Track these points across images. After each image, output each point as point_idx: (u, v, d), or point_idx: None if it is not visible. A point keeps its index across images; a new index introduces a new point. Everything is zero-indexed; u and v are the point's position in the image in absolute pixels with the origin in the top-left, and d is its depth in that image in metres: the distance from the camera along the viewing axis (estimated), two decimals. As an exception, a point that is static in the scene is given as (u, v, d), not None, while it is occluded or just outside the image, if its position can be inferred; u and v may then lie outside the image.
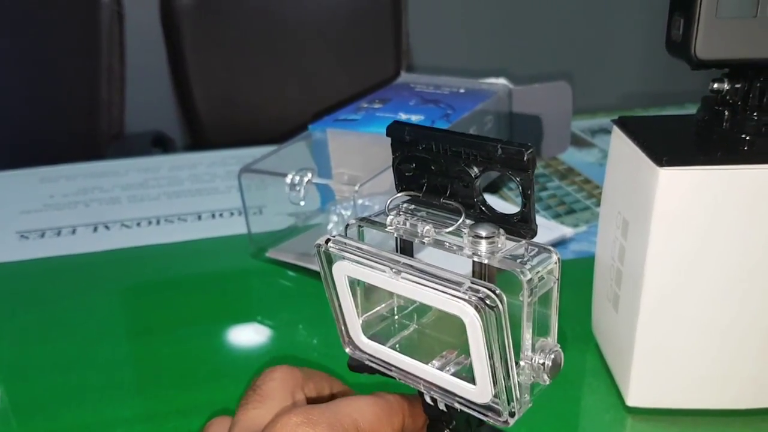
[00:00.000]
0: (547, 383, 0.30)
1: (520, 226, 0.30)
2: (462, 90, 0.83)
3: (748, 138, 0.43)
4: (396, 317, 0.35)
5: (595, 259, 0.55)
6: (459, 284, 0.28)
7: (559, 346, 0.30)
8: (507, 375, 0.28)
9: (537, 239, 0.30)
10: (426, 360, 0.32)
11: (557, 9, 2.06)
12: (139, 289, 0.71)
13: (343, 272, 0.31)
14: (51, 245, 0.77)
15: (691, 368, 0.47)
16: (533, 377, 0.30)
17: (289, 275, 0.70)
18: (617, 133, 0.49)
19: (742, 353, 0.46)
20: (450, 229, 0.31)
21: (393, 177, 0.34)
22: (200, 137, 1.44)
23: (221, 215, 0.82)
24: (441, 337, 0.34)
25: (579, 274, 0.55)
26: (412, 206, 0.33)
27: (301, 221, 0.76)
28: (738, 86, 0.44)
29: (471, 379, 0.30)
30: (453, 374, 0.31)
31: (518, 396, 0.29)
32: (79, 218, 0.83)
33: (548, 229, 0.74)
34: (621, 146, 0.48)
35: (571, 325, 0.58)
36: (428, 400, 0.33)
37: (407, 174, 0.33)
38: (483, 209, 0.31)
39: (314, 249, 0.32)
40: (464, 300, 0.27)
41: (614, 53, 2.15)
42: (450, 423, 0.34)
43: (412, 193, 0.33)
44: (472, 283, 0.27)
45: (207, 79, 1.41)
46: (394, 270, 0.29)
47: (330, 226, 0.71)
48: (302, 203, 0.66)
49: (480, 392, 0.30)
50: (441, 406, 0.33)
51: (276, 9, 1.41)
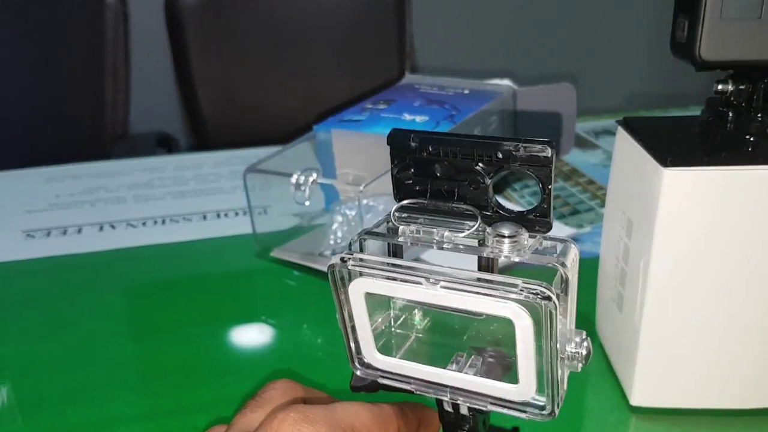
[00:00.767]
0: (579, 371, 0.30)
1: (537, 222, 0.30)
2: (466, 91, 0.83)
3: (752, 139, 0.44)
4: (393, 329, 0.34)
5: (600, 260, 0.55)
6: (513, 285, 0.27)
7: (585, 333, 0.30)
8: (557, 369, 0.29)
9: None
10: (442, 366, 0.31)
11: (561, 10, 2.07)
12: (144, 289, 0.71)
13: (362, 289, 0.30)
14: (57, 244, 0.77)
15: (695, 368, 0.47)
16: (568, 367, 0.30)
17: (294, 275, 0.70)
18: (621, 134, 0.49)
19: (746, 353, 0.46)
20: (469, 232, 0.30)
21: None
22: (204, 138, 1.44)
23: (226, 215, 0.83)
24: (444, 342, 0.34)
25: (583, 275, 0.55)
26: (412, 214, 0.32)
27: (306, 221, 0.76)
28: (742, 87, 0.44)
29: (501, 378, 0.30)
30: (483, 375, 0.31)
31: (564, 388, 0.30)
32: (85, 217, 0.83)
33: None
34: (625, 147, 0.48)
35: (576, 325, 0.58)
36: (447, 408, 0.33)
37: (407, 182, 0.32)
38: (497, 209, 0.31)
39: (328, 269, 0.30)
40: (520, 300, 0.27)
41: (618, 55, 2.15)
42: (469, 428, 0.34)
43: (418, 200, 0.32)
44: (524, 283, 0.27)
45: (211, 80, 1.42)
46: (432, 281, 0.28)
47: (334, 226, 0.71)
48: (307, 203, 0.66)
49: (522, 390, 0.29)
50: (463, 411, 0.33)
51: (280, 10, 1.42)
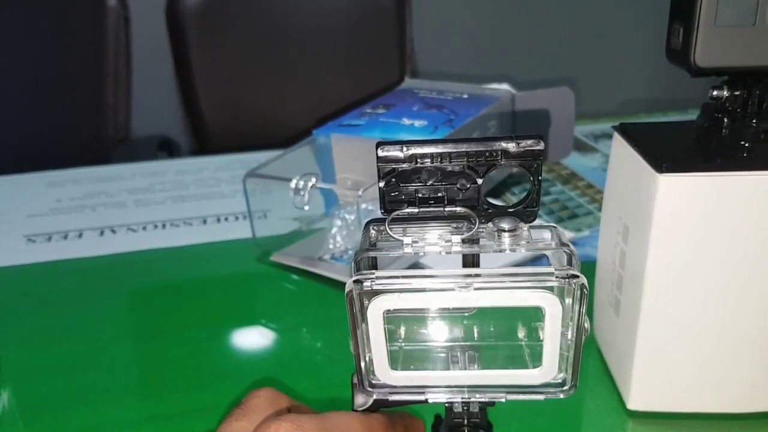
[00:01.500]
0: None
1: (524, 212, 0.32)
2: (465, 95, 0.83)
3: (747, 145, 0.44)
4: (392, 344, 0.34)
5: (597, 264, 0.55)
6: (548, 273, 0.29)
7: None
8: (581, 345, 0.31)
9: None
10: (451, 367, 0.32)
11: (560, 15, 2.07)
12: (145, 293, 0.72)
13: (384, 308, 0.29)
14: (58, 249, 0.77)
15: (692, 372, 0.47)
16: None
17: (294, 279, 0.71)
18: (618, 140, 0.50)
19: (742, 357, 0.47)
20: (471, 233, 0.31)
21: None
22: (206, 141, 1.45)
23: (226, 219, 0.83)
24: (435, 345, 0.34)
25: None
26: (403, 225, 0.32)
27: (306, 225, 0.77)
28: (737, 93, 0.45)
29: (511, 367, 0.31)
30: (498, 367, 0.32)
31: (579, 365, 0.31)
32: (86, 222, 0.83)
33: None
34: (621, 152, 0.49)
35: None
36: (458, 408, 0.33)
37: (393, 194, 0.32)
38: (487, 207, 0.32)
39: (346, 296, 0.29)
40: (555, 287, 0.29)
41: (618, 58, 2.15)
42: (476, 425, 0.34)
43: (410, 210, 0.32)
44: (557, 269, 0.29)
45: (212, 84, 1.42)
46: (463, 285, 0.29)
47: (334, 231, 0.72)
48: (306, 208, 0.67)
49: (546, 372, 0.31)
50: (473, 409, 0.33)
51: (281, 14, 1.42)
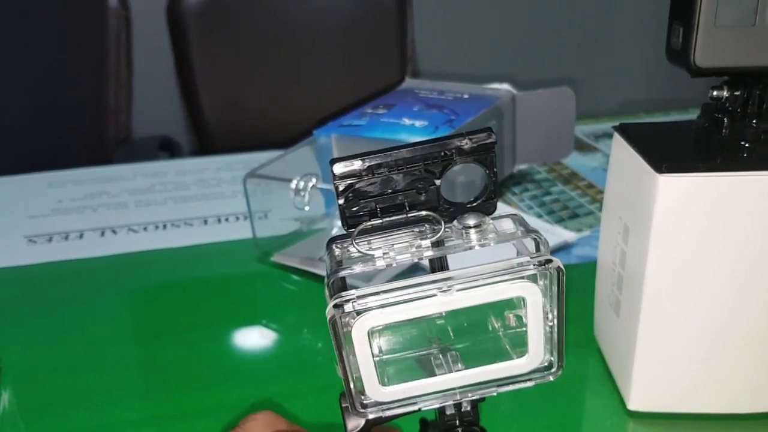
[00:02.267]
0: None
1: (484, 205, 0.32)
2: (466, 96, 0.83)
3: (747, 145, 0.44)
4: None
5: (597, 264, 0.55)
6: (523, 263, 0.29)
7: None
8: (563, 327, 0.30)
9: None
10: (439, 372, 0.32)
11: (561, 15, 2.07)
12: (146, 293, 0.72)
13: (368, 326, 0.29)
14: (59, 249, 0.78)
15: (692, 372, 0.47)
16: None
17: (294, 279, 0.71)
18: (618, 140, 0.50)
19: (742, 357, 0.47)
20: (438, 234, 0.31)
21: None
22: (207, 141, 1.45)
23: (227, 220, 0.83)
24: (418, 351, 0.33)
25: (582, 279, 0.56)
26: (367, 238, 0.31)
27: (306, 226, 0.77)
28: (737, 94, 0.45)
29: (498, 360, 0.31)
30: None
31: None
32: (87, 223, 0.83)
33: (551, 234, 0.74)
34: (621, 152, 0.49)
35: (574, 330, 0.59)
36: (450, 411, 0.33)
37: (353, 209, 0.31)
38: (447, 206, 0.32)
39: (329, 323, 0.29)
40: (532, 275, 0.29)
41: (620, 57, 2.15)
42: (468, 422, 0.34)
43: (374, 222, 0.31)
44: (531, 257, 0.29)
45: (214, 84, 1.42)
46: (444, 289, 0.29)
47: (334, 231, 0.72)
48: (307, 208, 0.67)
49: (532, 359, 0.31)
50: (465, 408, 0.33)
51: (282, 15, 1.42)
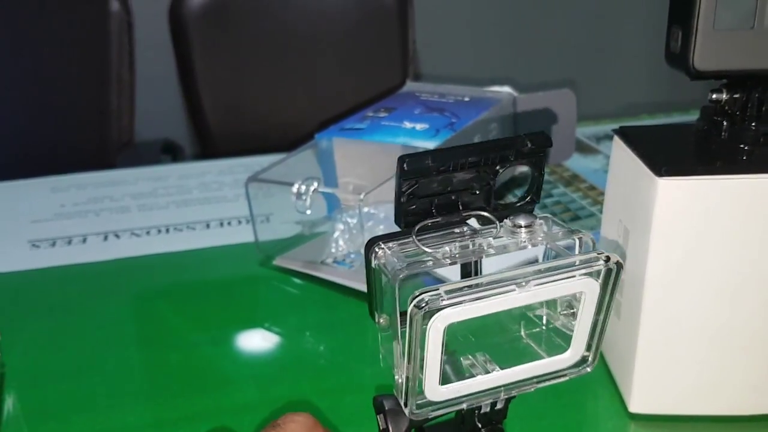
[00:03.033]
0: None
1: (526, 205, 0.33)
2: (467, 98, 0.84)
3: (747, 148, 0.44)
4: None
5: (598, 267, 0.55)
6: (593, 258, 0.30)
7: None
8: (608, 322, 0.32)
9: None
10: (475, 372, 0.32)
11: (562, 17, 2.07)
12: (148, 298, 0.72)
13: (448, 322, 0.28)
14: (62, 254, 0.78)
15: (693, 375, 0.48)
16: None
17: (296, 283, 0.71)
18: (618, 143, 0.50)
19: (744, 359, 0.47)
20: (499, 233, 0.31)
21: (395, 205, 0.32)
22: (209, 144, 1.45)
23: (229, 223, 0.83)
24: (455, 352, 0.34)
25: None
26: (425, 236, 0.32)
27: (308, 229, 0.77)
28: (736, 96, 0.45)
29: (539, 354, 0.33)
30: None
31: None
32: (90, 227, 0.84)
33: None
34: (621, 156, 0.49)
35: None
36: (486, 409, 0.33)
37: (411, 207, 0.31)
38: (498, 207, 0.33)
39: (412, 318, 0.28)
40: (596, 271, 0.30)
41: (621, 59, 2.15)
42: (498, 422, 0.35)
43: (432, 220, 0.32)
44: (597, 253, 0.30)
45: (216, 87, 1.43)
46: (522, 283, 0.29)
47: (336, 235, 0.72)
48: (308, 212, 0.67)
49: (575, 355, 0.33)
50: (499, 406, 0.34)
51: (284, 18, 1.43)
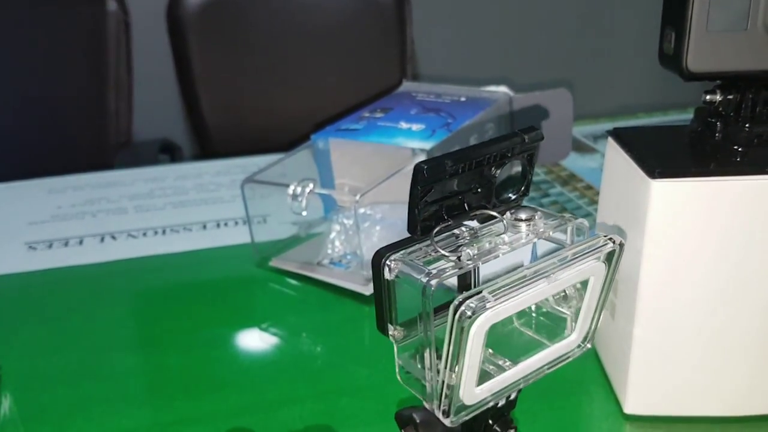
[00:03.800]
0: None
1: (519, 199, 0.34)
2: (463, 98, 0.83)
3: (740, 149, 0.44)
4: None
5: (593, 268, 0.55)
6: (601, 242, 0.32)
7: None
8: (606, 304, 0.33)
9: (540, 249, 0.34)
10: (503, 361, 0.33)
11: (559, 16, 2.07)
12: (145, 299, 0.72)
13: (490, 323, 0.29)
14: (58, 256, 0.78)
15: (688, 376, 0.48)
16: None
17: (293, 284, 0.71)
18: (612, 145, 0.50)
19: (738, 361, 0.47)
20: (511, 230, 0.32)
21: (409, 213, 0.31)
22: (207, 144, 1.45)
23: (226, 224, 0.83)
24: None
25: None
26: (438, 237, 0.32)
27: (304, 230, 0.77)
28: (730, 98, 0.45)
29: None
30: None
31: None
32: (87, 229, 0.84)
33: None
34: (615, 157, 0.49)
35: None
36: (502, 402, 0.34)
37: (426, 213, 0.31)
38: (500, 203, 0.34)
39: (457, 321, 0.28)
40: (607, 252, 0.32)
41: (617, 60, 2.15)
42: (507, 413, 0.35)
43: (447, 224, 0.32)
44: (603, 237, 0.33)
45: (214, 87, 1.42)
46: (548, 276, 0.30)
47: (332, 236, 0.72)
48: (304, 213, 0.67)
49: (577, 338, 0.34)
50: (513, 396, 0.35)
51: (282, 18, 1.43)
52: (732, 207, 0.43)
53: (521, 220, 0.32)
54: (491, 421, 0.35)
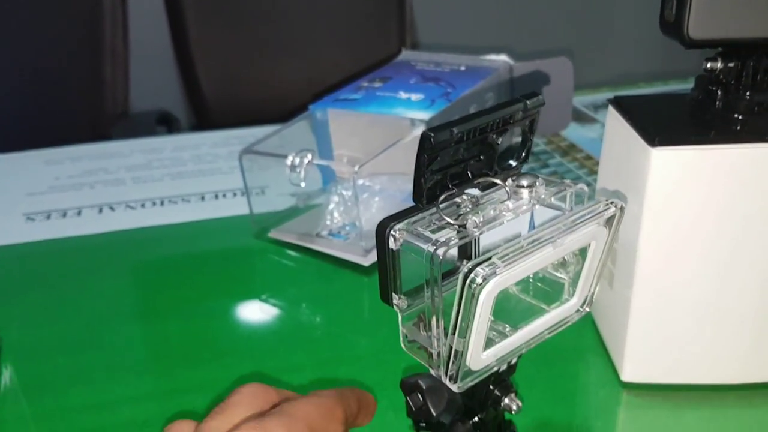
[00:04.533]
0: None
1: (523, 161, 0.34)
2: (463, 67, 0.83)
3: (740, 117, 0.44)
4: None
5: (592, 237, 0.55)
6: (603, 206, 0.32)
7: None
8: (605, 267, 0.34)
9: (537, 216, 0.34)
10: (503, 327, 0.33)
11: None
12: (144, 270, 0.72)
13: (500, 288, 0.29)
14: (57, 227, 0.78)
15: (684, 344, 0.48)
16: None
17: (292, 255, 0.71)
18: (612, 113, 0.49)
19: (734, 329, 0.47)
20: (513, 197, 0.32)
21: (413, 182, 0.31)
22: (205, 115, 1.44)
23: (224, 196, 0.83)
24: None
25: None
26: (442, 206, 0.32)
27: (303, 201, 0.77)
28: (731, 65, 0.44)
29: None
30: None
31: None
32: (85, 200, 0.83)
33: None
34: (616, 126, 0.49)
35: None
36: (504, 367, 0.35)
37: (430, 182, 0.31)
38: (501, 169, 0.34)
39: (468, 289, 0.28)
40: (610, 216, 0.33)
41: (618, 28, 2.13)
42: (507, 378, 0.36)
43: (451, 192, 0.32)
44: (605, 200, 0.33)
45: (211, 58, 1.41)
46: (554, 240, 0.30)
47: (331, 207, 0.72)
48: (302, 184, 0.67)
49: (577, 302, 0.35)
50: (513, 361, 0.35)
51: (278, -14, 1.41)
52: (732, 175, 0.43)
53: (523, 187, 0.32)
54: (492, 387, 0.35)
